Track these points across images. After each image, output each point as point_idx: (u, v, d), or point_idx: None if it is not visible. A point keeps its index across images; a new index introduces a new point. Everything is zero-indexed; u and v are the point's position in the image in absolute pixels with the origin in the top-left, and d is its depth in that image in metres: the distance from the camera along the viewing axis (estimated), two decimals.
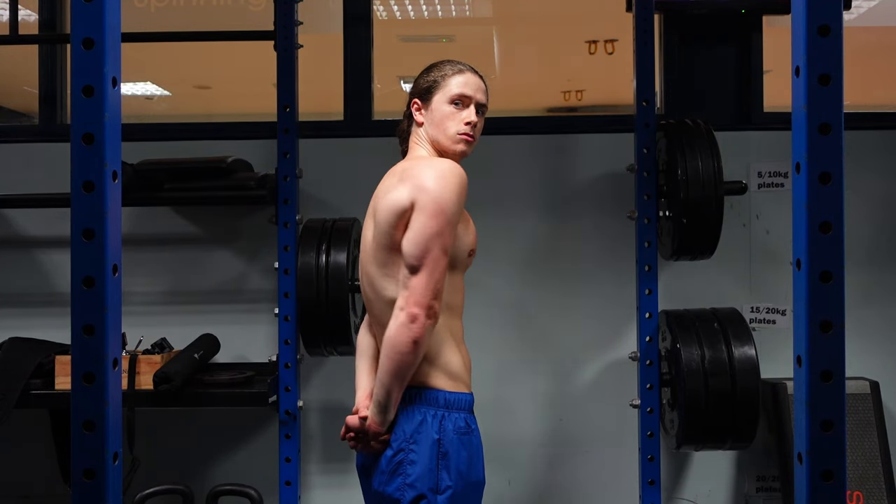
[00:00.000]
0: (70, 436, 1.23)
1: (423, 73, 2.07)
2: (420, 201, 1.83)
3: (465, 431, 1.89)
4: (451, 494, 1.84)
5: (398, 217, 1.85)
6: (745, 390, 2.76)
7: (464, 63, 2.09)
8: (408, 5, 4.05)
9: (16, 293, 3.36)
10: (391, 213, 1.86)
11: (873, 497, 3.02)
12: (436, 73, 2.04)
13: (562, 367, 3.32)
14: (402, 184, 1.88)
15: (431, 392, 1.91)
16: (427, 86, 2.04)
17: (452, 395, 1.92)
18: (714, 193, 2.83)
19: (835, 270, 1.17)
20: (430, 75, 2.05)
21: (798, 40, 1.18)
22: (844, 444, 1.18)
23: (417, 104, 2.06)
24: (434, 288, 1.81)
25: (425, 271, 1.80)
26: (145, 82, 4.90)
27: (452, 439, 1.87)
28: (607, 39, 3.94)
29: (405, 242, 1.84)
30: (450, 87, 2.01)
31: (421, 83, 2.06)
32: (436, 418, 1.89)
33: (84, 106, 1.22)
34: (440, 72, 2.04)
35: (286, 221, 3.07)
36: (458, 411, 1.91)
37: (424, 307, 1.80)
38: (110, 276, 1.23)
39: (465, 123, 2.00)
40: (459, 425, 1.89)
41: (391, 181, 1.94)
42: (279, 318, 3.08)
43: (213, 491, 2.79)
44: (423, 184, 1.84)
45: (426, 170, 1.87)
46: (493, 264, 3.24)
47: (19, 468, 3.30)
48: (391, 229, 1.86)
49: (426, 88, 2.04)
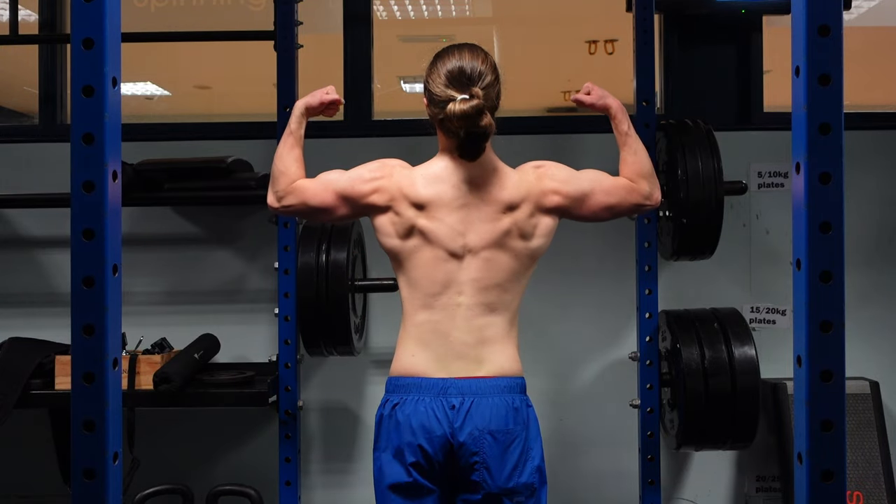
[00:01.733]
0: (70, 436, 1.23)
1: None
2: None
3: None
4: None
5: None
6: (745, 390, 2.76)
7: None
8: (408, 5, 4.05)
9: (16, 293, 3.36)
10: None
11: (873, 497, 3.02)
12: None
13: (562, 367, 3.32)
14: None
15: (522, 380, 2.00)
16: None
17: (524, 380, 2.02)
18: (714, 193, 2.83)
19: (835, 270, 1.17)
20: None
21: (798, 40, 1.18)
22: (844, 444, 1.18)
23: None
24: None
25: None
26: (145, 82, 4.90)
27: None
28: (607, 39, 3.93)
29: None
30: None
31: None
32: (524, 402, 1.98)
33: (84, 106, 1.22)
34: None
35: (286, 221, 3.07)
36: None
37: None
38: (110, 276, 1.23)
39: None
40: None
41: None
42: (279, 318, 3.07)
43: (213, 491, 2.79)
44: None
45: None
46: None
47: (19, 468, 3.29)
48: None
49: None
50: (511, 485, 1.89)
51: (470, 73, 1.93)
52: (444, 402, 1.90)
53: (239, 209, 3.31)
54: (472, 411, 1.89)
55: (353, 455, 3.34)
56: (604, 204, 2.06)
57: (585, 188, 2.04)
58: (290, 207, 2.08)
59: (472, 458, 1.88)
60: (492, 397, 1.91)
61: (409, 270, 1.98)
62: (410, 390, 1.93)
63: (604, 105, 2.16)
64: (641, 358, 3.03)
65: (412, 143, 2.54)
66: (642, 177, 2.10)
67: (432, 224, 1.94)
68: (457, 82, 1.92)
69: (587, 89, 2.18)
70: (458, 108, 1.88)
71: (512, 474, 1.89)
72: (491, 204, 1.95)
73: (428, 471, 1.90)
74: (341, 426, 3.35)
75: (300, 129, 2.12)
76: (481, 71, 1.94)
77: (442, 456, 1.89)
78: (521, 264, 1.99)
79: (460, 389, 1.91)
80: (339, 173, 2.05)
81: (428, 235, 1.94)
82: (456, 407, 1.90)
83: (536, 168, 2.04)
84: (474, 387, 1.92)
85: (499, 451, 1.89)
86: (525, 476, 1.91)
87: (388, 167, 2.02)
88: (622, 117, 2.14)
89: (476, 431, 1.88)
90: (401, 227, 1.96)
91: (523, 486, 1.90)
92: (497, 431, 1.89)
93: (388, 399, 1.96)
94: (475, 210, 1.95)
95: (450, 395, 1.91)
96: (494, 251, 1.95)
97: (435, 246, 1.94)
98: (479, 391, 1.92)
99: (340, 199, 2.02)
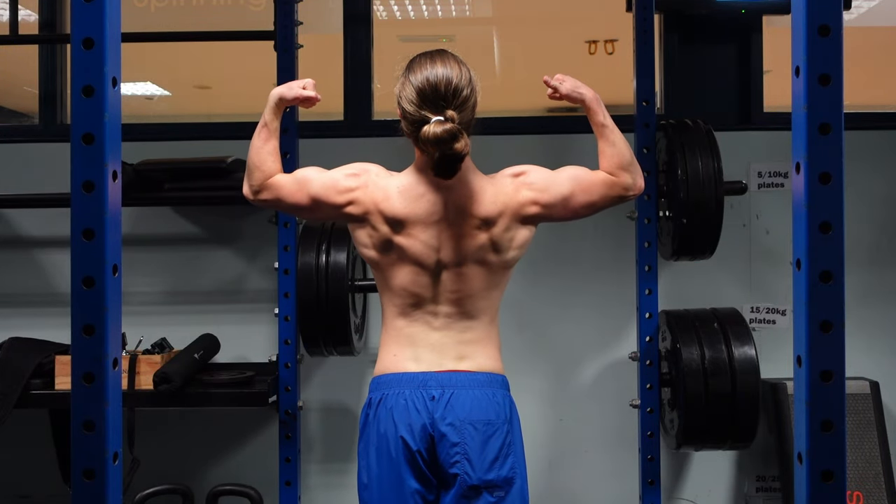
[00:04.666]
0: (70, 436, 1.23)
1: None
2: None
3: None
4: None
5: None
6: (745, 390, 2.76)
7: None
8: (408, 5, 4.05)
9: (16, 293, 3.36)
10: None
11: (873, 497, 3.02)
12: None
13: (562, 367, 3.32)
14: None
15: (503, 378, 2.00)
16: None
17: (506, 378, 2.02)
18: (714, 193, 2.83)
19: (835, 270, 1.17)
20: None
21: (798, 40, 1.18)
22: (844, 444, 1.18)
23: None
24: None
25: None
26: (145, 82, 4.89)
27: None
28: (607, 39, 3.94)
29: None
30: None
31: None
32: (506, 398, 1.98)
33: (84, 106, 1.22)
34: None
35: (286, 221, 3.07)
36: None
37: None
38: (110, 276, 1.23)
39: None
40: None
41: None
42: (279, 318, 3.07)
43: (213, 491, 2.79)
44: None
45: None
46: None
47: (19, 468, 3.30)
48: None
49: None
50: (491, 476, 1.88)
51: (444, 92, 1.87)
52: (423, 394, 1.90)
53: (239, 209, 3.31)
54: (453, 402, 1.89)
55: (353, 455, 3.33)
56: (584, 203, 2.03)
57: (565, 192, 2.00)
58: (266, 202, 2.05)
59: (453, 450, 1.88)
60: (472, 390, 1.92)
61: (387, 280, 1.98)
62: (392, 385, 1.94)
63: (578, 95, 2.09)
64: (641, 358, 3.03)
65: (412, 143, 2.54)
66: (622, 168, 2.05)
67: (407, 241, 1.93)
68: (430, 102, 1.87)
69: (560, 79, 2.13)
70: (431, 131, 1.83)
71: (493, 465, 1.89)
72: (466, 219, 1.93)
73: (412, 466, 1.90)
74: (341, 426, 3.35)
75: (275, 120, 2.06)
76: (456, 86, 1.88)
77: (424, 449, 1.89)
78: (496, 275, 1.98)
79: (440, 382, 1.92)
80: (317, 172, 2.01)
81: (403, 251, 1.94)
82: (436, 398, 1.90)
83: (515, 177, 2.00)
84: (454, 379, 1.92)
85: (480, 441, 1.88)
86: (506, 470, 1.90)
87: (364, 175, 1.98)
88: (597, 107, 2.08)
89: (457, 422, 1.88)
90: (377, 241, 1.95)
91: (503, 479, 1.90)
92: (478, 422, 1.89)
93: (371, 398, 1.97)
94: (450, 226, 1.93)
95: (429, 387, 1.91)
96: (469, 266, 1.94)
97: (410, 261, 1.94)
98: (459, 384, 1.92)
99: (314, 203, 1.99)
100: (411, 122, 1.91)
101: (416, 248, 1.93)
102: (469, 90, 1.91)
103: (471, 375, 1.94)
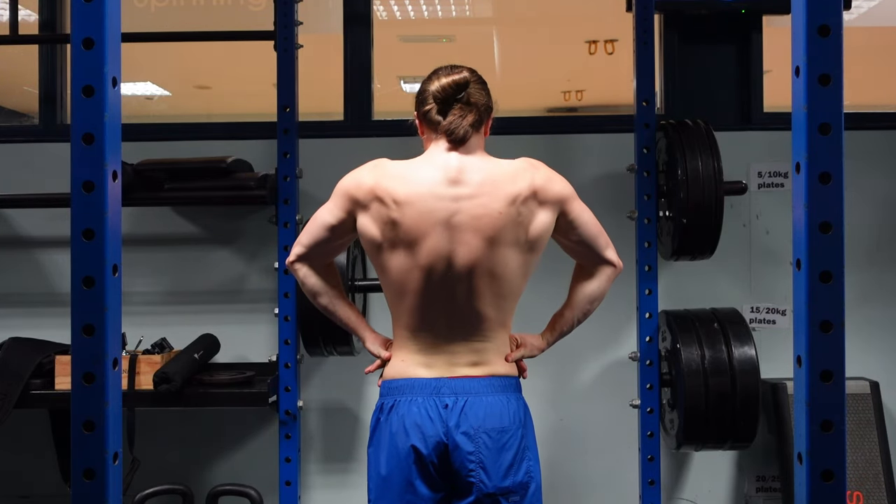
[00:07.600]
0: (70, 436, 1.23)
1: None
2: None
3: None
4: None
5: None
6: (745, 390, 2.76)
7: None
8: (408, 5, 4.05)
9: (16, 293, 3.36)
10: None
11: (873, 497, 3.02)
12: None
13: (562, 367, 3.31)
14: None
15: (517, 380, 2.00)
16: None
17: (518, 380, 2.02)
18: (714, 193, 2.83)
19: (835, 270, 1.17)
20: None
21: (798, 40, 1.18)
22: (844, 444, 1.18)
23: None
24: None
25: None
26: (145, 82, 4.90)
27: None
28: (607, 39, 3.94)
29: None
30: None
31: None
32: (520, 401, 1.98)
33: (84, 106, 1.22)
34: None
35: (286, 221, 3.07)
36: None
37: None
38: (110, 276, 1.23)
39: None
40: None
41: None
42: (279, 318, 3.08)
43: (213, 491, 2.79)
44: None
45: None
46: None
47: (19, 468, 3.30)
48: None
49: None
50: (507, 483, 1.87)
51: (459, 85, 1.97)
52: (437, 402, 1.89)
53: (239, 209, 3.31)
54: (467, 410, 1.87)
55: (353, 455, 3.34)
56: (576, 240, 2.11)
57: (587, 235, 2.12)
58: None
59: (468, 458, 1.86)
60: (486, 396, 1.90)
61: (396, 282, 1.94)
62: (403, 391, 1.91)
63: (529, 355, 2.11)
64: (641, 358, 3.03)
65: (412, 143, 2.53)
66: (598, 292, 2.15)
67: (418, 242, 1.89)
68: (446, 82, 1.96)
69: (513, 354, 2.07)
70: (445, 79, 1.94)
71: (508, 473, 1.88)
72: (482, 218, 1.91)
73: (422, 473, 1.88)
74: (341, 426, 3.35)
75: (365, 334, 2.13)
76: (468, 80, 1.97)
77: (436, 457, 1.87)
78: (512, 278, 1.96)
79: (453, 389, 1.89)
80: (307, 231, 2.05)
81: (413, 252, 1.89)
82: (449, 406, 1.88)
83: (534, 170, 2.06)
84: (468, 386, 1.90)
85: (495, 449, 1.87)
86: (521, 475, 1.89)
87: (347, 204, 1.99)
88: (530, 349, 2.10)
89: (472, 430, 1.86)
90: (386, 234, 1.92)
91: (519, 485, 1.89)
92: (493, 430, 1.87)
93: (383, 402, 1.95)
94: (460, 232, 1.89)
95: (443, 394, 1.89)
96: (483, 270, 1.91)
97: (421, 265, 1.89)
98: (473, 390, 1.90)
99: (336, 237, 2.04)
100: (422, 100, 1.99)
101: (428, 249, 1.89)
102: (481, 83, 2.01)
103: (484, 381, 1.91)
